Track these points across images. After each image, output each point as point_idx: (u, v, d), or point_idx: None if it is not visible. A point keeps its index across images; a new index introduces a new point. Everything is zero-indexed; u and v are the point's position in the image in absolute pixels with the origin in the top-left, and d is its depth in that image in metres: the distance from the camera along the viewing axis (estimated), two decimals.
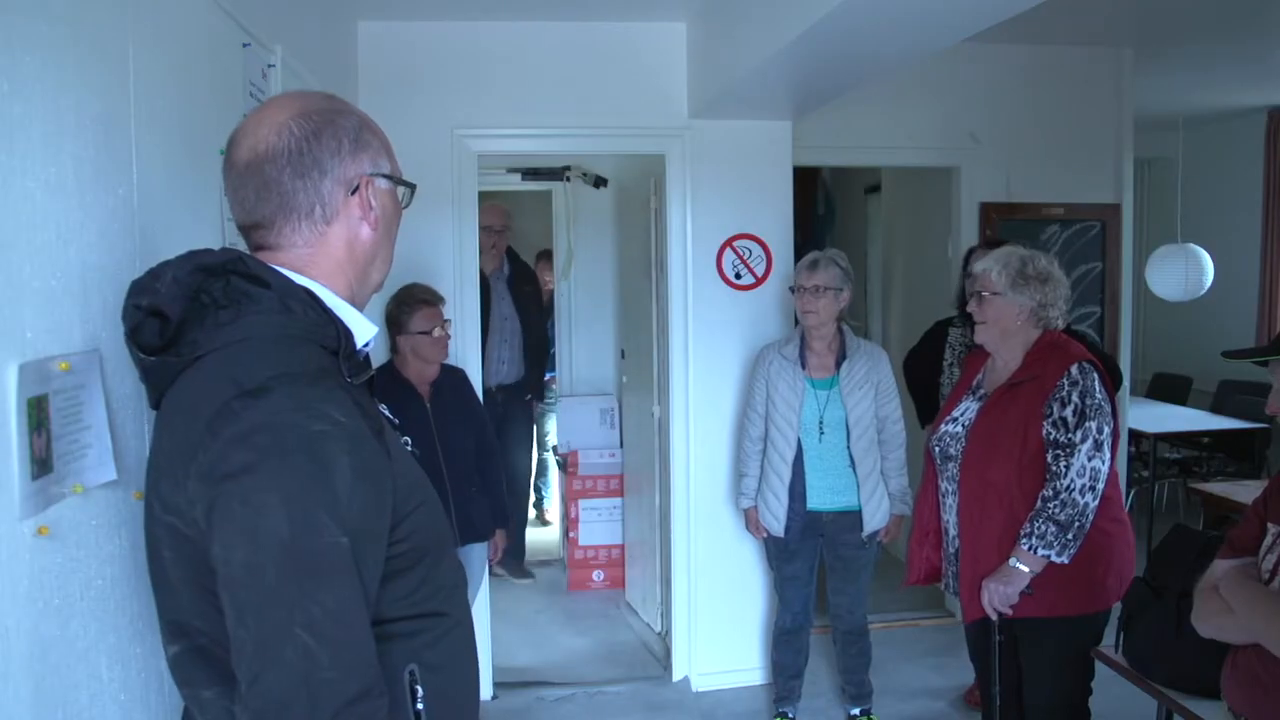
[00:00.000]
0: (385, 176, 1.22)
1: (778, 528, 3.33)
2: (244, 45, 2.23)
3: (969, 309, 2.72)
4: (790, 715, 3.57)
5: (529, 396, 5.36)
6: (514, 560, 5.18)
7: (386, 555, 1.07)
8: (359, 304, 1.23)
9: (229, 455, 0.98)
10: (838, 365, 3.31)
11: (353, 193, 1.18)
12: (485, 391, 4.28)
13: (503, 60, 3.75)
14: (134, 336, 1.12)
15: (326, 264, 1.18)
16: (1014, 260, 2.60)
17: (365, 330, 1.21)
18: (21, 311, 1.24)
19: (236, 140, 1.17)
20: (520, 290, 5.19)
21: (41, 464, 1.25)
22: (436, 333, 3.14)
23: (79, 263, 1.38)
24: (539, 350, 5.37)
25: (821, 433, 3.28)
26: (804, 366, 3.32)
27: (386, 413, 2.95)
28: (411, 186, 1.27)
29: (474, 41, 3.73)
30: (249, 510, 0.97)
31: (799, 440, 3.29)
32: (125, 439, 1.48)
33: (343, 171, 1.17)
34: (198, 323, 1.09)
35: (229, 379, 1.03)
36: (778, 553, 3.42)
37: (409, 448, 2.98)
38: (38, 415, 1.24)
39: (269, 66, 2.40)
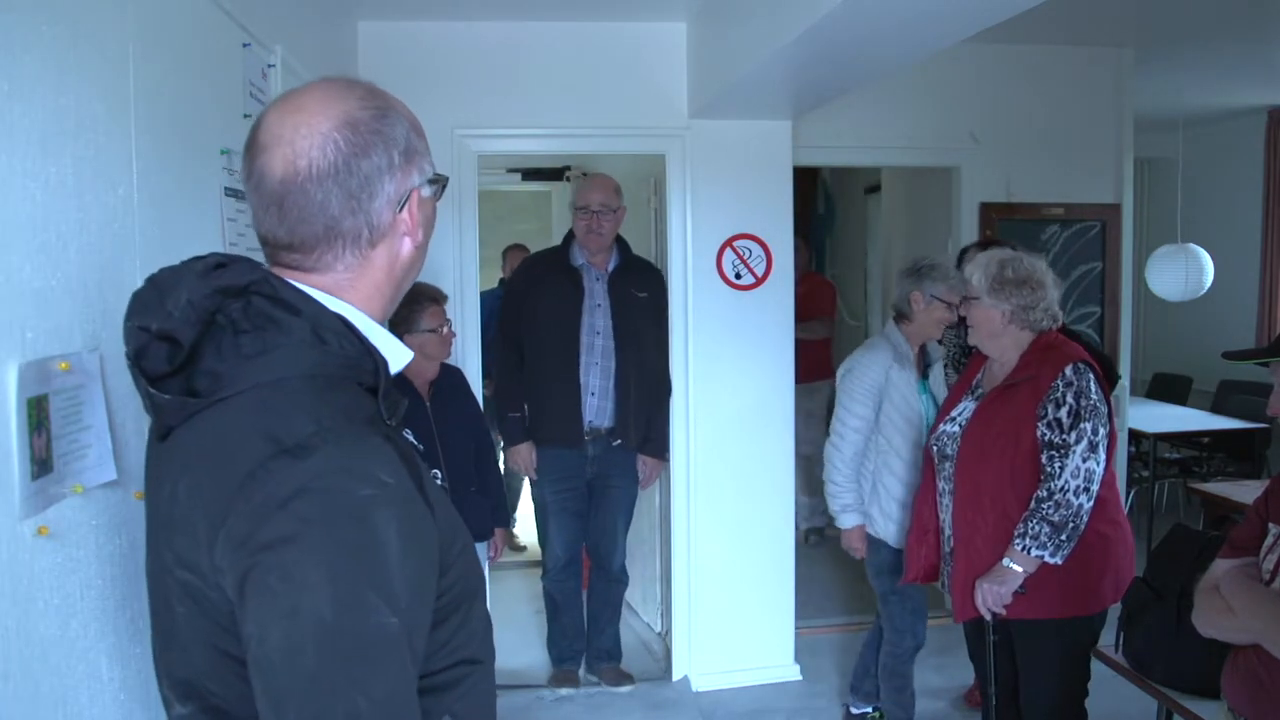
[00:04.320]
0: (429, 181, 1.07)
1: (901, 538, 3.13)
2: (244, 45, 2.23)
3: (961, 312, 2.76)
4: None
5: (625, 446, 3.80)
6: (608, 664, 4.03)
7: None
8: (388, 319, 1.12)
9: (267, 523, 0.86)
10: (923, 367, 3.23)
11: (400, 208, 1.04)
12: (581, 432, 3.72)
13: (503, 60, 3.75)
14: (138, 360, 0.98)
15: (365, 288, 1.04)
16: (993, 265, 2.61)
17: (401, 357, 1.07)
18: (21, 311, 1.24)
19: (266, 146, 0.99)
20: (623, 295, 3.75)
21: (41, 464, 1.25)
22: (445, 330, 3.15)
23: (79, 263, 1.38)
24: (649, 385, 3.82)
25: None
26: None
27: (411, 439, 2.94)
28: (445, 180, 1.11)
29: (474, 41, 3.73)
30: (289, 586, 0.85)
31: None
32: (125, 439, 1.48)
33: (394, 189, 1.02)
34: (214, 349, 0.96)
35: (265, 434, 0.90)
36: (894, 564, 3.18)
37: (417, 446, 2.98)
38: (38, 415, 1.24)
39: (269, 66, 2.41)
